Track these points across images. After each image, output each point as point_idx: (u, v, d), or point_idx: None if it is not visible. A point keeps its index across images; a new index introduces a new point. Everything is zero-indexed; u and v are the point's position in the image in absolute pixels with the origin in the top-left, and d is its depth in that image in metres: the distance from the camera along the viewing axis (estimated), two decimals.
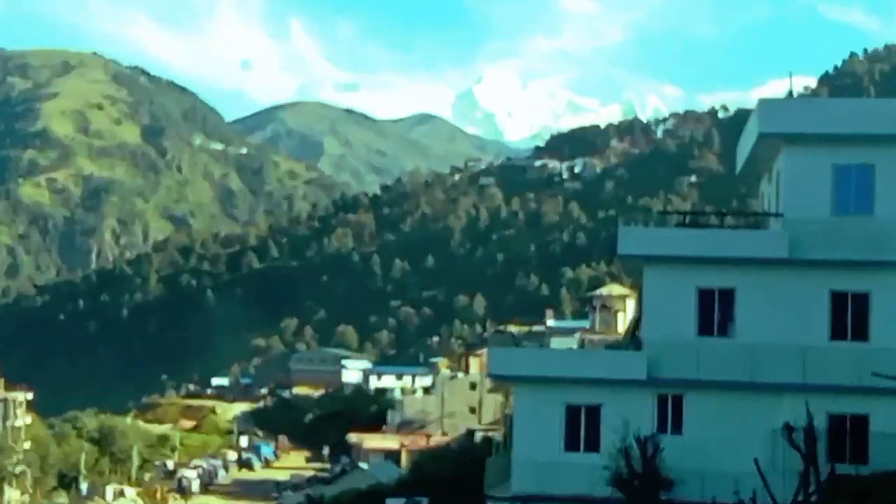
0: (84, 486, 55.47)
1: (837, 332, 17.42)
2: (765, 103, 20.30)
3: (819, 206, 17.60)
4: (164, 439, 72.63)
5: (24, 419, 55.24)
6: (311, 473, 60.70)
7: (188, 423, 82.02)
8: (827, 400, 16.44)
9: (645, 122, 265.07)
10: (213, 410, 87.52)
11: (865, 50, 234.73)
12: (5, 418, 52.36)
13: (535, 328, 57.08)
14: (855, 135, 17.46)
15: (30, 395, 58.21)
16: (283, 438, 77.14)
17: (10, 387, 56.00)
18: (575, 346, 30.70)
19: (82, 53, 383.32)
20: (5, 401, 52.87)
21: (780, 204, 18.58)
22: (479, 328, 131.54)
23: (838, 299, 17.54)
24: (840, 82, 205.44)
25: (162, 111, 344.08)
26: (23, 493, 49.16)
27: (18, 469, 49.08)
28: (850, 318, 17.43)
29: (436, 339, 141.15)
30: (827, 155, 17.71)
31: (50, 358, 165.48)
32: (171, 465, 67.28)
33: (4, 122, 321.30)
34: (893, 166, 17.26)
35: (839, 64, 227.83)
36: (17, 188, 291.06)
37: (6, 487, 47.08)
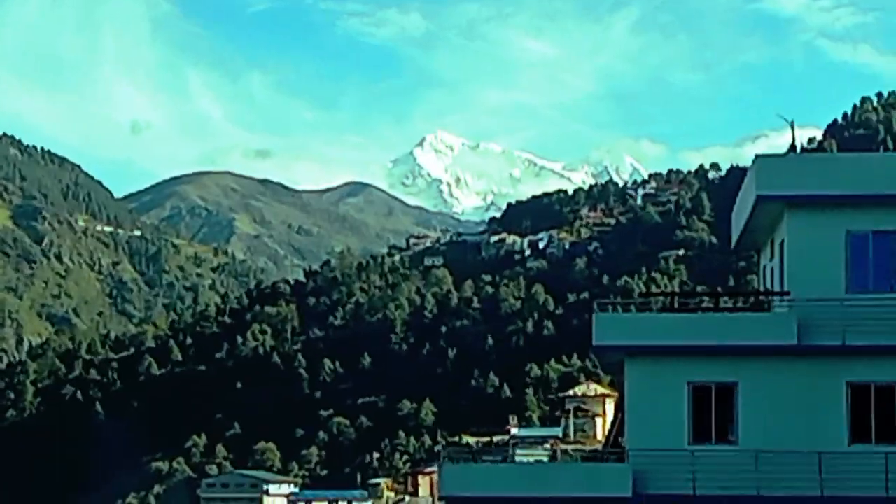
0: None
1: (859, 434, 17.28)
2: (763, 160, 19.96)
3: (832, 282, 17.43)
4: None
5: None
6: None
7: None
8: None
9: (621, 186, 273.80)
10: None
11: (879, 94, 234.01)
12: None
13: (497, 438, 58.33)
14: (872, 196, 17.48)
15: None
16: None
17: None
18: (545, 459, 30.71)
19: None
20: None
21: (786, 281, 18.46)
22: (428, 440, 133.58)
23: (859, 393, 17.29)
24: (851, 132, 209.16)
25: (37, 187, 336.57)
26: None
27: None
28: (873, 415, 17.23)
29: (376, 455, 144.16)
30: (840, 220, 17.72)
31: None
32: None
33: None
34: None
35: (849, 111, 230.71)
36: None
37: None
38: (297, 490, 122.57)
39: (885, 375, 17.08)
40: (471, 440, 64.47)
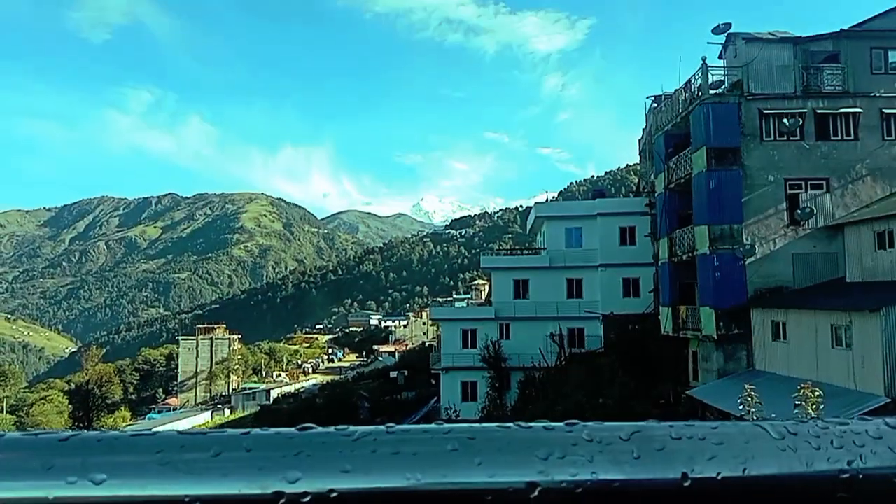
0: (263, 374, 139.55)
1: None
2: None
3: None
4: (296, 352, 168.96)
5: (236, 347, 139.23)
6: (358, 363, 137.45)
7: (307, 344, 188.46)
8: (567, 322, 44.36)
9: None
10: (317, 339, 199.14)
11: None
12: (230, 346, 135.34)
13: (449, 299, 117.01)
14: None
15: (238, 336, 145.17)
16: (346, 350, 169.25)
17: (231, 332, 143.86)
18: (465, 305, 71.79)
19: None
20: (229, 338, 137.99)
21: None
22: (427, 300, 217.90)
23: None
24: None
25: None
26: (238, 378, 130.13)
27: (235, 367, 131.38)
28: None
29: (408, 306, 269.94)
30: None
31: None
32: (300, 362, 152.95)
33: None
34: None
35: None
36: None
37: (232, 376, 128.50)
38: (381, 316, 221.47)
39: None
40: (440, 299, 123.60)
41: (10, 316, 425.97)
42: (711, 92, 29.52)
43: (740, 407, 13.78)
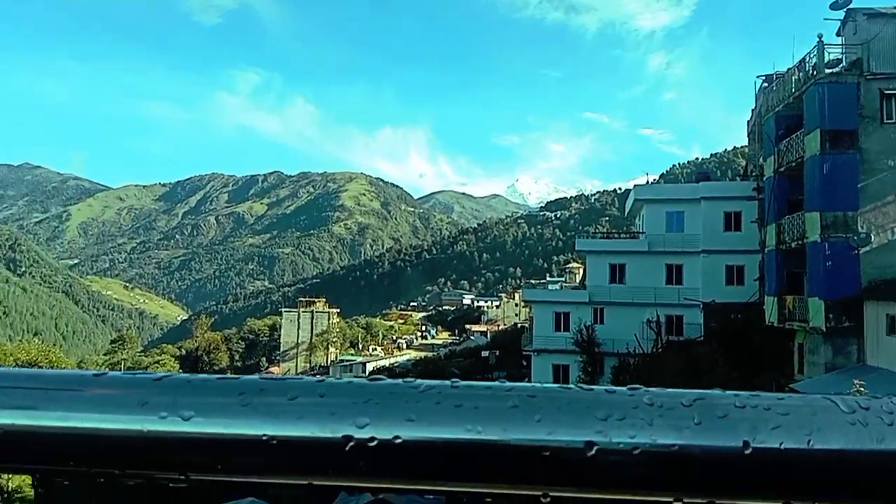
0: (359, 347, 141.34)
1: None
2: None
3: None
4: (391, 327, 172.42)
5: (335, 320, 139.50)
6: (451, 341, 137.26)
7: (401, 320, 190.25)
8: (665, 308, 43.12)
9: None
10: (411, 315, 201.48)
11: None
12: (329, 319, 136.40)
13: (542, 281, 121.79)
14: None
15: (337, 310, 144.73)
16: (439, 327, 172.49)
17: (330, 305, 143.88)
18: (558, 288, 69.85)
19: None
20: (328, 312, 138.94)
21: None
22: (520, 282, 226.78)
23: None
24: None
25: None
26: (336, 350, 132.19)
27: (333, 339, 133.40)
28: None
29: (501, 286, 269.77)
30: None
31: None
32: (395, 337, 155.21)
33: None
34: None
35: None
36: None
37: (330, 348, 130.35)
38: (474, 296, 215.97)
39: None
40: (533, 281, 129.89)
41: (128, 284, 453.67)
42: (827, 71, 27.97)
43: None
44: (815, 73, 28.45)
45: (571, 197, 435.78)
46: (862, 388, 12.70)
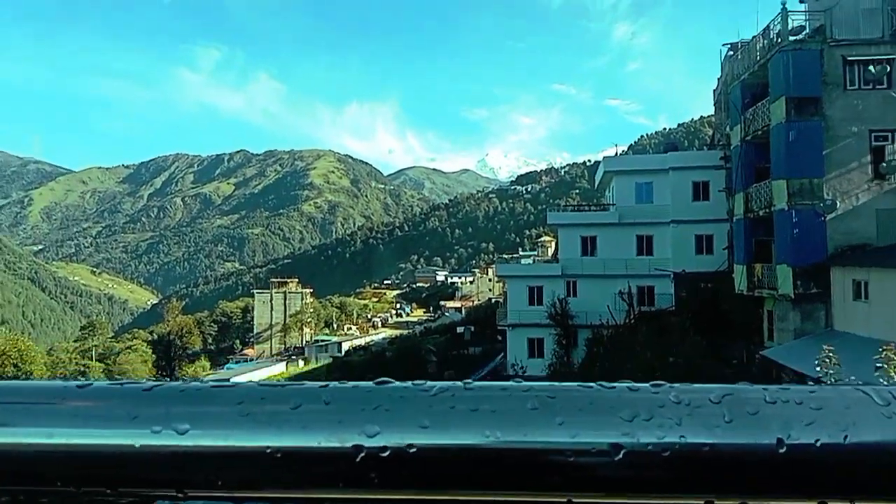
0: (334, 326, 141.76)
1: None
2: None
3: None
4: (366, 306, 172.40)
5: (308, 300, 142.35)
6: (426, 318, 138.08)
7: (375, 299, 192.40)
8: (636, 280, 43.33)
9: None
10: (385, 294, 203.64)
11: None
12: (302, 300, 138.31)
13: (515, 256, 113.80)
14: None
15: (310, 290, 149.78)
16: (414, 305, 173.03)
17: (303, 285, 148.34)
18: (531, 262, 67.20)
19: None
20: (301, 292, 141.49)
21: None
22: (493, 257, 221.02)
23: None
24: None
25: None
26: (311, 330, 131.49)
27: (308, 320, 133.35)
28: None
29: (474, 262, 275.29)
30: None
31: None
32: (369, 316, 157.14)
33: None
34: None
35: None
36: None
37: (305, 328, 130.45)
38: (448, 272, 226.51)
39: None
40: (506, 256, 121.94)
41: (95, 269, 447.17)
42: (791, 38, 28.11)
43: (817, 368, 13.33)
44: (779, 40, 28.58)
45: (541, 170, 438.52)
46: (832, 355, 12.87)
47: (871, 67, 27.26)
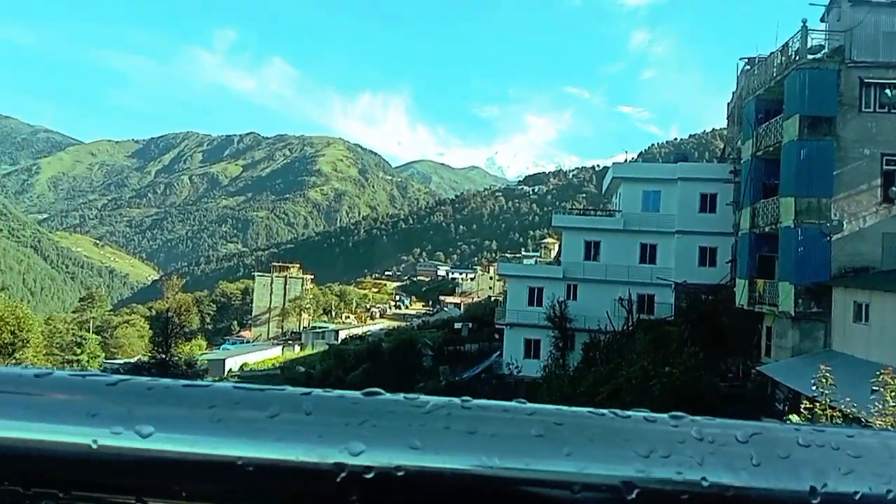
0: (332, 314, 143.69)
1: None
2: None
3: None
4: (365, 296, 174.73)
5: (308, 286, 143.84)
6: (424, 311, 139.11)
7: (375, 289, 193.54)
8: (637, 287, 43.90)
9: None
10: (385, 285, 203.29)
11: None
12: (302, 285, 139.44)
13: (517, 255, 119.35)
14: None
15: (311, 276, 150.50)
16: (413, 298, 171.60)
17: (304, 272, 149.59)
18: (533, 263, 71.36)
19: None
20: (302, 278, 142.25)
21: None
22: (495, 255, 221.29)
23: None
24: None
25: None
26: (309, 316, 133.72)
27: (307, 306, 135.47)
28: None
29: (476, 259, 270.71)
30: None
31: None
32: (368, 305, 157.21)
33: None
34: None
35: None
36: None
37: (303, 314, 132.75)
38: (449, 268, 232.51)
39: None
40: (509, 255, 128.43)
41: (98, 241, 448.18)
42: (810, 57, 28.03)
43: (813, 388, 13.34)
44: (797, 57, 28.50)
45: (549, 172, 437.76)
46: (828, 375, 12.86)
47: (887, 91, 27.19)
